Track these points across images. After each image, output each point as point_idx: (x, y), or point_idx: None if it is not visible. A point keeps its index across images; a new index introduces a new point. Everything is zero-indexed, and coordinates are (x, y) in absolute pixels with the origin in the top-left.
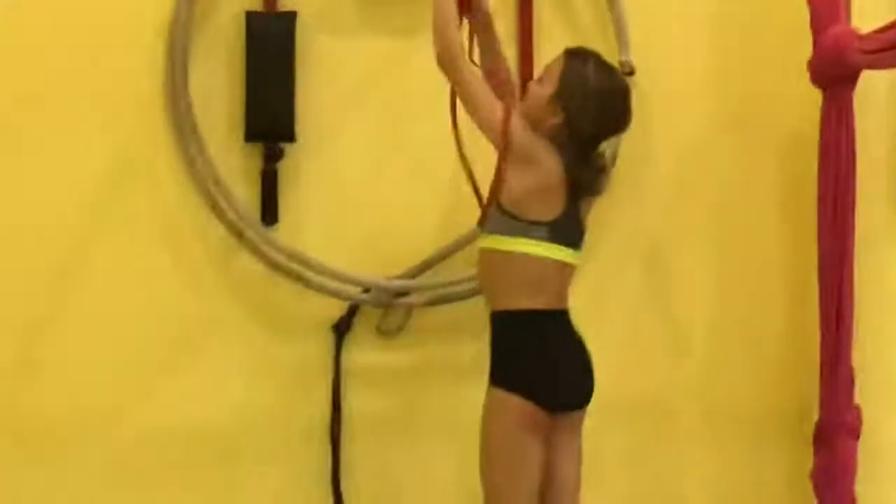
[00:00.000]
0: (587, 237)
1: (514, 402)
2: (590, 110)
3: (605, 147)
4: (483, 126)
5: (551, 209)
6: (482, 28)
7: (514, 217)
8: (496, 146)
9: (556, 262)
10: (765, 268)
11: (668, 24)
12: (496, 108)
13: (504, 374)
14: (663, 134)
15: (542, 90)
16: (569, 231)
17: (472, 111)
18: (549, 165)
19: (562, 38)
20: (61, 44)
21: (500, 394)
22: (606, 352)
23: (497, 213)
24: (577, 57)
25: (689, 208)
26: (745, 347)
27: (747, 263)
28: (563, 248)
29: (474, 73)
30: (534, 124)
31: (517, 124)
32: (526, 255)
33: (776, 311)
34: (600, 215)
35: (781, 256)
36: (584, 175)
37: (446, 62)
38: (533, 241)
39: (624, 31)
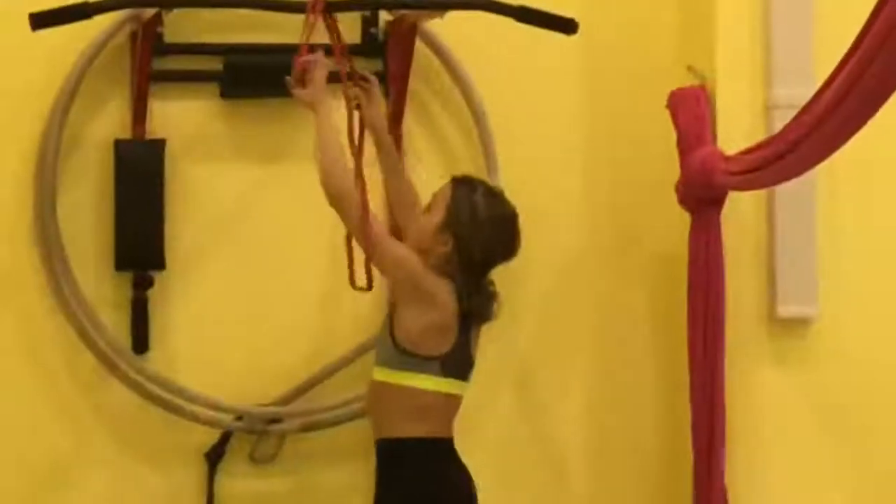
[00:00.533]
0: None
1: None
2: (480, 238)
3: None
4: (384, 267)
5: (446, 342)
6: (382, 150)
7: (407, 353)
8: (392, 279)
9: (446, 394)
10: (638, 387)
11: (539, 146)
12: (399, 249)
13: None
14: (535, 254)
15: (429, 219)
16: (459, 363)
17: (372, 252)
18: (443, 300)
19: (431, 161)
20: None
21: None
22: (481, 475)
23: (391, 347)
24: (464, 184)
25: (562, 329)
26: (620, 467)
27: (621, 380)
28: (452, 380)
29: (372, 215)
30: (422, 255)
31: (421, 270)
32: (415, 388)
33: (650, 428)
34: None
35: (655, 375)
36: (476, 304)
37: (336, 203)
38: (423, 376)
39: (492, 155)
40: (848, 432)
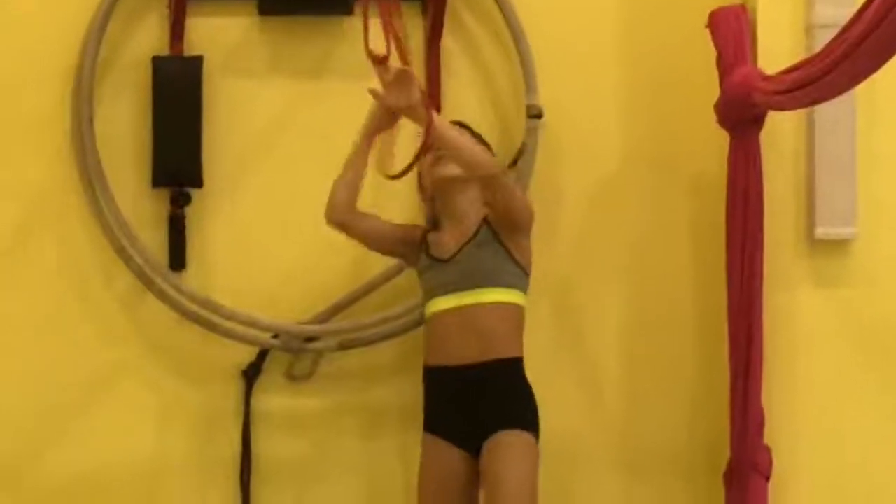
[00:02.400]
0: None
1: (536, 445)
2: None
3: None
4: (512, 206)
5: None
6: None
7: (527, 276)
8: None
9: None
10: (676, 307)
11: (577, 65)
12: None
13: (525, 418)
14: (573, 174)
15: (484, 151)
16: None
17: (514, 193)
18: None
19: (469, 81)
20: None
21: (528, 437)
22: None
23: (518, 271)
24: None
25: (600, 248)
26: (656, 386)
27: (658, 303)
28: None
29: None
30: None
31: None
32: (522, 307)
33: (687, 350)
34: None
35: (692, 295)
36: None
37: (491, 178)
38: (524, 295)
39: (531, 74)
40: (886, 352)
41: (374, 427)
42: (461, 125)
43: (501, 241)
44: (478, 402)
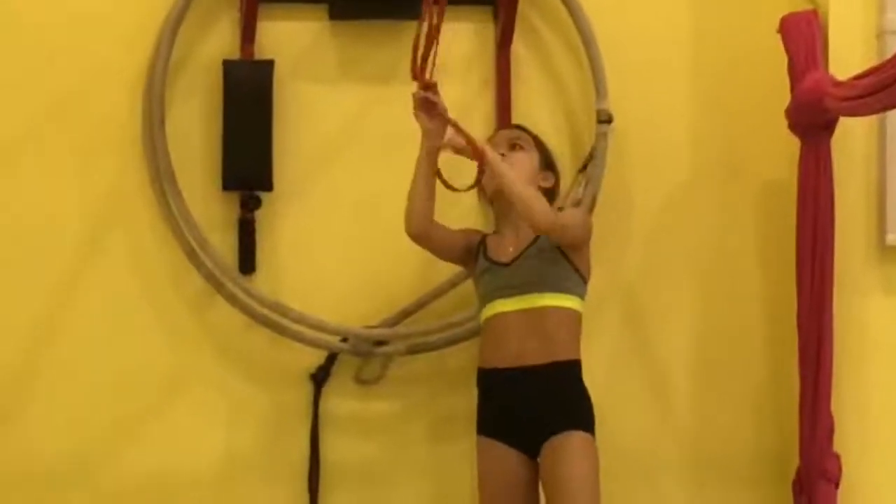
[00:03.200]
0: None
1: (595, 445)
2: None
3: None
4: (573, 234)
5: None
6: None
7: (586, 283)
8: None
9: None
10: (745, 314)
11: (647, 71)
12: (576, 218)
13: (585, 420)
14: (642, 181)
15: (530, 160)
16: None
17: (575, 230)
18: None
19: (540, 86)
20: (39, 89)
21: (589, 438)
22: None
23: (577, 277)
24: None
25: (669, 255)
26: (725, 394)
27: (727, 310)
28: None
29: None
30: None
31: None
32: (580, 313)
33: (756, 358)
34: None
35: (761, 303)
36: None
37: (556, 228)
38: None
39: (601, 80)
40: None
41: (442, 431)
42: (521, 128)
43: (561, 250)
44: (538, 403)
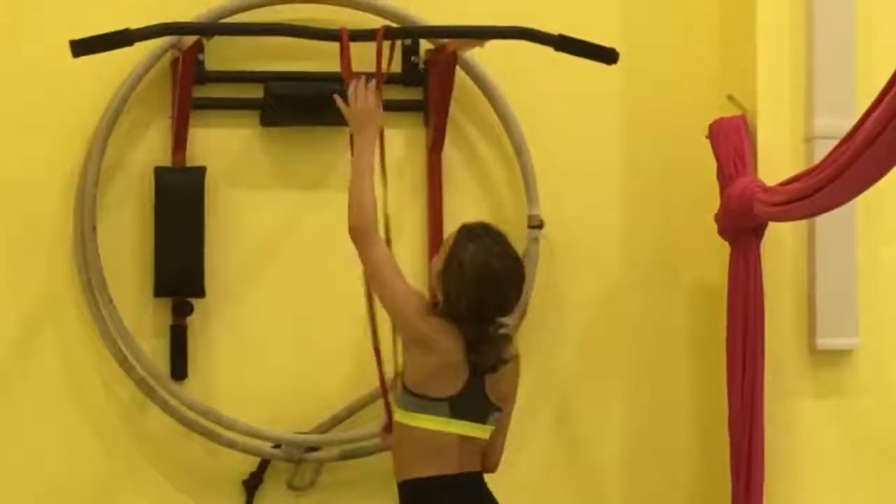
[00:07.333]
0: None
1: None
2: (466, 294)
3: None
4: (385, 305)
5: (451, 385)
6: None
7: (415, 394)
8: (393, 323)
9: (459, 435)
10: (675, 418)
11: (579, 175)
12: (398, 291)
13: None
14: (573, 285)
15: (435, 265)
16: (473, 405)
17: (377, 289)
18: (446, 345)
19: (471, 193)
20: None
21: None
22: (519, 502)
23: (402, 388)
24: (466, 235)
25: (601, 355)
26: (656, 494)
27: (658, 413)
28: (465, 422)
29: (385, 252)
30: (433, 297)
31: (414, 314)
32: (425, 430)
33: (688, 458)
34: None
35: (694, 405)
36: (484, 352)
37: (358, 236)
38: (431, 417)
39: (532, 185)
40: (888, 463)
41: None
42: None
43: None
44: None
